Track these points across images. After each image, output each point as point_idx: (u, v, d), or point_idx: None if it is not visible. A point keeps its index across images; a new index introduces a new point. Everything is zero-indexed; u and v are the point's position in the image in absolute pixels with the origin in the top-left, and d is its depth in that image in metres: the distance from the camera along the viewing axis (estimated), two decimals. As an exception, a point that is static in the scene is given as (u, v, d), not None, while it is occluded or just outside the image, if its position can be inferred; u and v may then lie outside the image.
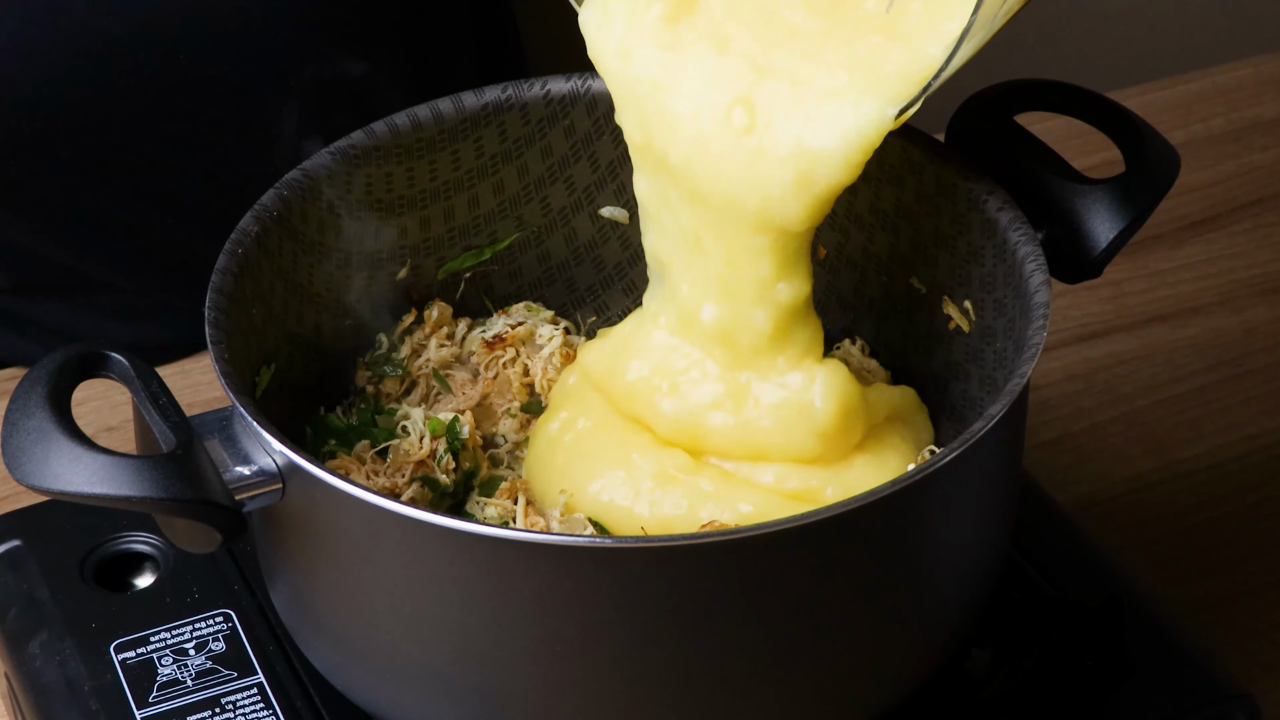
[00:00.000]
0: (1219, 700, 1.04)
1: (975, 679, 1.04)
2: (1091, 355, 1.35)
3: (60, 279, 1.41)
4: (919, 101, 0.95)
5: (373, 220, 1.09)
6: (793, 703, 0.95)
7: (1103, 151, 1.34)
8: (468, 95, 1.09)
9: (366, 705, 1.00)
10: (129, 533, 1.12)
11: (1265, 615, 1.19)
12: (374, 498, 0.90)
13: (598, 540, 0.89)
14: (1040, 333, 0.96)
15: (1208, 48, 1.96)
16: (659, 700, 0.93)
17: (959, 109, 1.07)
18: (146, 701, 1.04)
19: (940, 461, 0.91)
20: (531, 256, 1.14)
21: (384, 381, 1.10)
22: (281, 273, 1.04)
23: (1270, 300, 1.39)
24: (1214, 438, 1.29)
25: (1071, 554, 1.12)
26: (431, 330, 1.11)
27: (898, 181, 1.07)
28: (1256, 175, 1.49)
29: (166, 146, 1.36)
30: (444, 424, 1.06)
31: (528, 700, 0.94)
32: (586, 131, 1.11)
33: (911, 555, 0.95)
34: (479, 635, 0.92)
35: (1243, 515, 1.25)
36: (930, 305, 1.09)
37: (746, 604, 0.91)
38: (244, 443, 0.94)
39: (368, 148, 1.07)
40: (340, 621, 0.97)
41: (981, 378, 1.06)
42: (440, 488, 1.05)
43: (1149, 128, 1.05)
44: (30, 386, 0.92)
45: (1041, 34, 2.11)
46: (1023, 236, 1.01)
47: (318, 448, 1.06)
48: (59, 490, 0.90)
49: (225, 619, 1.08)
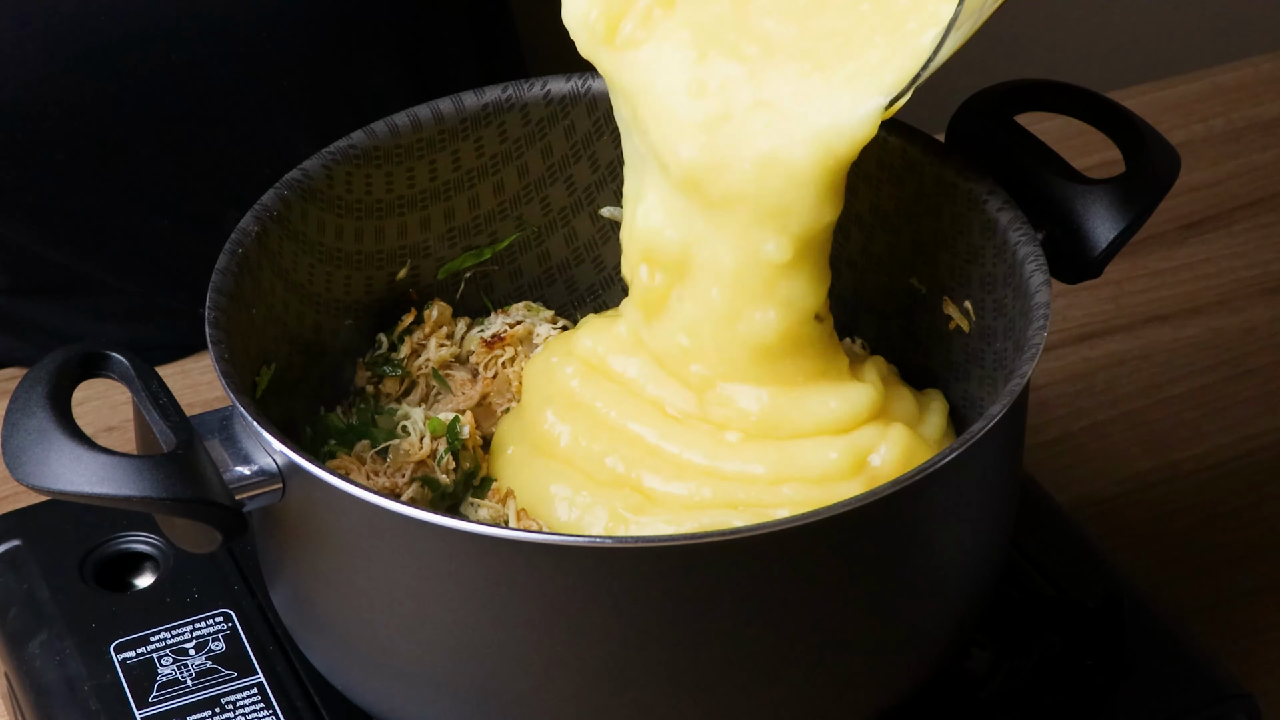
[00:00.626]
0: (1219, 700, 1.04)
1: (975, 679, 1.04)
2: (1091, 355, 1.35)
3: (56, 280, 1.41)
4: (909, 92, 0.94)
5: (373, 220, 1.09)
6: (792, 703, 0.95)
7: (1103, 151, 1.34)
8: (468, 95, 1.09)
9: (366, 705, 1.00)
10: (129, 533, 1.12)
11: (1265, 615, 1.19)
12: (374, 498, 0.90)
13: (598, 540, 0.89)
14: (1040, 333, 0.96)
15: (1208, 48, 1.96)
16: (658, 700, 0.93)
17: (959, 109, 1.07)
18: (146, 701, 1.04)
19: (940, 461, 0.91)
20: (531, 256, 1.14)
21: (384, 381, 1.10)
22: (281, 273, 1.04)
23: (1270, 300, 1.39)
24: (1214, 438, 1.29)
25: (1071, 554, 1.12)
26: (431, 330, 1.12)
27: (898, 181, 1.07)
28: (1256, 175, 1.49)
29: (160, 147, 1.35)
30: (444, 424, 1.06)
31: (527, 700, 0.94)
32: (587, 131, 1.11)
33: (912, 555, 0.95)
34: (479, 635, 0.92)
35: (1243, 515, 1.25)
36: (930, 305, 1.09)
37: (746, 604, 0.91)
38: (244, 443, 0.94)
39: (368, 148, 1.07)
40: (340, 621, 0.97)
41: (981, 378, 1.06)
42: (440, 488, 1.05)
43: (1149, 128, 1.05)
44: (30, 386, 0.92)
45: (1041, 34, 2.11)
46: (1023, 237, 1.01)
47: (317, 448, 1.06)
48: (59, 490, 0.90)
49: (225, 619, 1.08)
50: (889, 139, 1.06)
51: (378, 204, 1.09)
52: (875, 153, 1.07)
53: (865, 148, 1.07)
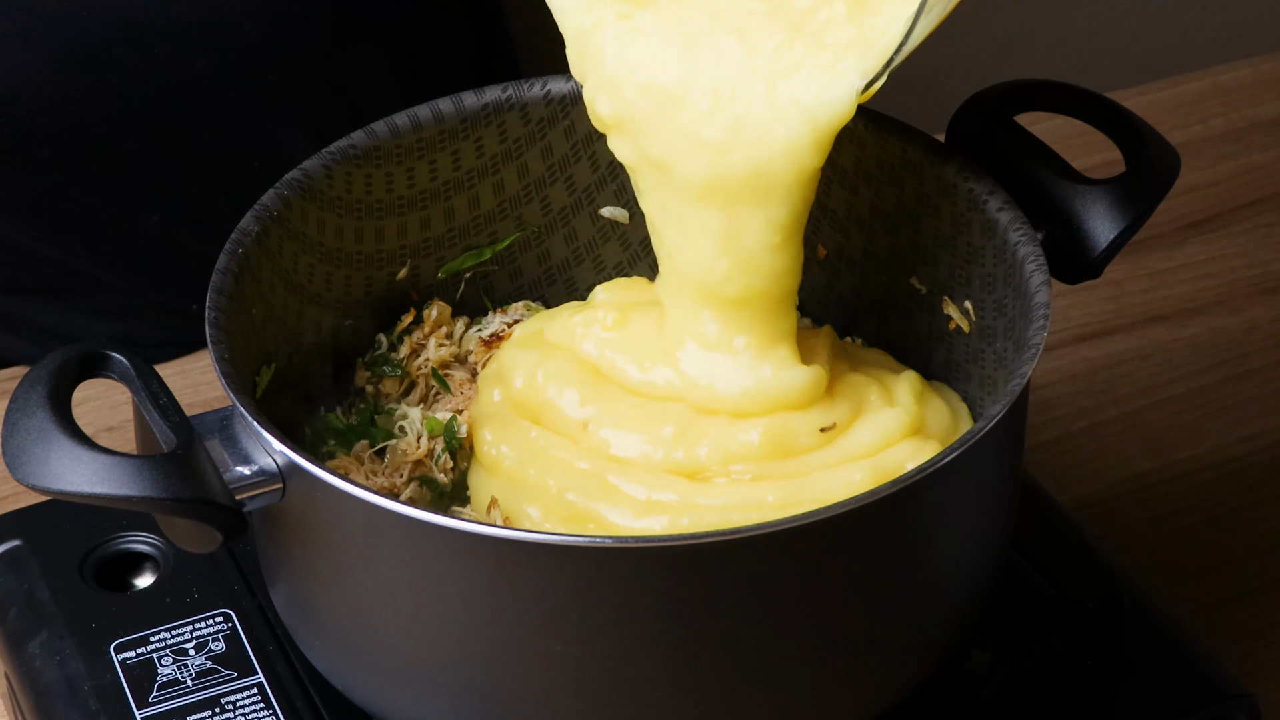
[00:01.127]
0: (1219, 700, 1.04)
1: (975, 679, 1.04)
2: (1091, 355, 1.35)
3: (51, 279, 1.41)
4: (883, 76, 0.94)
5: (373, 220, 1.09)
6: (792, 703, 0.95)
7: (1103, 151, 1.34)
8: (468, 95, 1.09)
9: (366, 705, 1.00)
10: (129, 533, 1.12)
11: (1265, 615, 1.19)
12: (374, 498, 0.90)
13: (598, 540, 0.89)
14: (1040, 333, 0.96)
15: (1208, 48, 1.96)
16: (658, 700, 0.93)
17: (959, 109, 1.07)
18: (146, 701, 1.04)
19: (940, 461, 0.91)
20: (531, 256, 1.14)
21: (383, 381, 1.10)
22: (281, 273, 1.04)
23: (1270, 300, 1.39)
24: (1214, 438, 1.29)
25: (1071, 554, 1.12)
26: (430, 330, 1.12)
27: (898, 181, 1.07)
28: (1256, 175, 1.49)
29: (149, 145, 1.35)
30: (441, 423, 1.06)
31: (527, 700, 0.94)
32: (587, 131, 1.11)
33: (912, 555, 0.95)
34: (479, 635, 0.92)
35: (1243, 515, 1.25)
36: (930, 305, 1.09)
37: (746, 604, 0.91)
38: (244, 443, 0.94)
39: (368, 148, 1.07)
40: (340, 621, 0.97)
41: (981, 378, 1.06)
42: (438, 487, 1.05)
43: (1149, 128, 1.05)
44: (30, 386, 0.92)
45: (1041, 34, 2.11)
46: (1023, 237, 1.01)
47: (317, 448, 1.06)
48: (59, 490, 0.90)
49: (225, 619, 1.08)
50: (889, 139, 1.06)
51: (378, 204, 1.09)
52: (876, 153, 1.07)
53: (865, 147, 1.07)
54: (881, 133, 1.06)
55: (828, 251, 1.12)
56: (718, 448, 1.00)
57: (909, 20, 0.93)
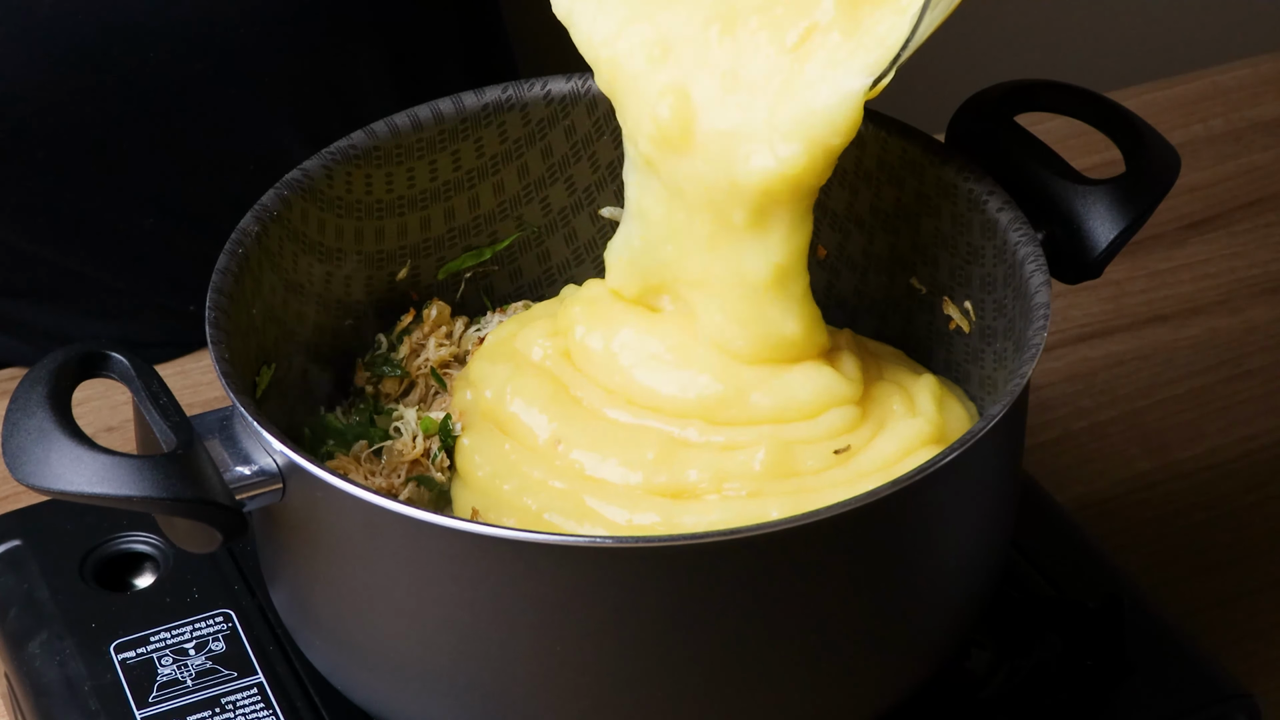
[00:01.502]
0: (1219, 700, 1.04)
1: (975, 679, 1.04)
2: (1091, 355, 1.35)
3: (48, 280, 1.41)
4: (890, 73, 0.94)
5: (373, 220, 1.09)
6: (792, 703, 0.95)
7: (1103, 151, 1.34)
8: (468, 95, 1.09)
9: (366, 705, 1.00)
10: (129, 533, 1.12)
11: (1265, 615, 1.19)
12: (374, 498, 0.90)
13: (598, 540, 0.89)
14: (1040, 333, 0.96)
15: (1208, 48, 1.96)
16: (659, 700, 0.93)
17: (959, 109, 1.07)
18: (146, 701, 1.04)
19: (940, 461, 0.91)
20: (532, 257, 1.14)
21: (383, 381, 1.10)
22: (281, 273, 1.04)
23: (1270, 300, 1.39)
24: (1214, 438, 1.29)
25: (1071, 554, 1.12)
26: (430, 330, 1.12)
27: (898, 181, 1.07)
28: (1256, 175, 1.49)
29: (147, 145, 1.35)
30: (435, 422, 1.06)
31: (528, 700, 0.94)
32: (587, 132, 1.11)
33: (912, 555, 0.95)
34: (479, 635, 0.92)
35: (1243, 515, 1.25)
36: (930, 305, 1.09)
37: (746, 604, 0.91)
38: (244, 442, 0.94)
39: (368, 148, 1.07)
40: (340, 621, 0.97)
41: (981, 378, 1.06)
42: (436, 486, 1.05)
43: (1149, 128, 1.05)
44: (30, 386, 0.92)
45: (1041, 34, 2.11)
46: (1023, 237, 1.01)
47: (316, 448, 1.06)
48: (59, 490, 0.90)
49: (225, 619, 1.08)
50: (889, 139, 1.06)
51: (378, 204, 1.09)
52: (876, 153, 1.07)
53: (865, 147, 1.07)
54: (881, 133, 1.06)
55: (828, 251, 1.12)
56: (709, 470, 0.99)
57: (914, 18, 0.93)
